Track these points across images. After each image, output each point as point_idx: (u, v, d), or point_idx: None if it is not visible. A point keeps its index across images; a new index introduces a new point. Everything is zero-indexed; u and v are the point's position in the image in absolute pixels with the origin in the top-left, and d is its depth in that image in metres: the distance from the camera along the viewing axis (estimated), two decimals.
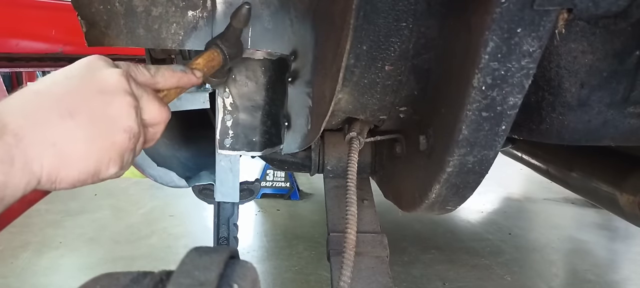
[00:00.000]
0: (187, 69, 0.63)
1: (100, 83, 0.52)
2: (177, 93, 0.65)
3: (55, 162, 0.49)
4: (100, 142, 0.52)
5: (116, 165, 0.54)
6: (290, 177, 3.60)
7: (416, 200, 0.82)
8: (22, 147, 0.46)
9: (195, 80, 0.65)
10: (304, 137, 0.83)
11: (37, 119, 0.48)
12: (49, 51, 2.03)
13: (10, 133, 0.45)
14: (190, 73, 0.64)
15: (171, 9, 0.70)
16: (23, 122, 0.47)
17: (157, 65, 0.61)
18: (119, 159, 0.54)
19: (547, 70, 0.66)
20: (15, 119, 0.46)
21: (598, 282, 2.47)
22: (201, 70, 0.66)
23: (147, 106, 0.57)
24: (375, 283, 0.83)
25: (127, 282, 0.41)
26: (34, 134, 0.47)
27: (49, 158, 0.48)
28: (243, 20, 0.67)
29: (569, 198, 3.80)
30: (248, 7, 0.65)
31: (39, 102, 0.49)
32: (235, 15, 0.66)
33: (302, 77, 0.80)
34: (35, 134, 0.47)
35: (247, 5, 0.65)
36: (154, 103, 0.58)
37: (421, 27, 0.70)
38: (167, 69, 0.61)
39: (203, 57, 0.68)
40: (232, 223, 0.98)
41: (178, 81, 0.63)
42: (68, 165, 0.50)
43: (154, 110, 0.58)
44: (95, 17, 0.68)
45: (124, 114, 0.53)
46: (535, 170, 1.77)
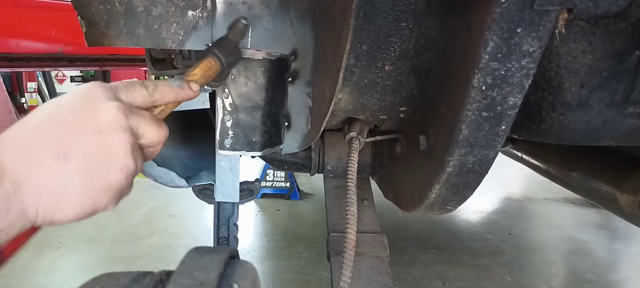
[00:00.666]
0: (184, 83, 0.64)
1: (97, 121, 0.51)
2: (174, 106, 0.65)
3: (51, 205, 0.49)
4: (96, 183, 0.52)
5: (112, 203, 0.55)
6: (290, 177, 3.60)
7: (416, 200, 0.82)
8: (20, 194, 0.47)
9: (192, 94, 0.65)
10: (304, 137, 0.83)
11: (34, 163, 0.48)
12: (49, 51, 2.03)
13: (9, 179, 0.46)
14: (187, 87, 0.64)
15: (171, 9, 0.70)
16: (20, 166, 0.47)
17: (155, 82, 0.61)
18: (115, 197, 0.55)
19: (547, 70, 0.66)
20: (13, 163, 0.47)
21: (598, 282, 2.47)
22: (198, 81, 0.66)
23: (145, 131, 0.57)
24: (375, 283, 0.83)
25: (127, 282, 0.41)
26: (31, 179, 0.48)
27: (45, 202, 0.49)
28: (239, 34, 0.67)
29: (569, 198, 3.80)
30: (245, 23, 0.67)
31: (36, 142, 0.49)
32: (232, 28, 0.67)
33: (302, 77, 0.80)
34: (32, 180, 0.48)
35: (243, 21, 0.67)
36: (152, 127, 0.58)
37: (421, 27, 0.70)
38: (165, 86, 0.61)
39: (200, 67, 0.68)
40: (232, 223, 0.98)
41: (175, 97, 0.63)
42: (63, 208, 0.50)
43: (153, 134, 0.58)
44: (95, 17, 0.68)
45: (120, 153, 0.53)
46: (535, 170, 1.77)
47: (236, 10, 0.74)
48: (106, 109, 0.52)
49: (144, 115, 0.57)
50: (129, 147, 0.53)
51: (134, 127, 0.55)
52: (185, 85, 0.64)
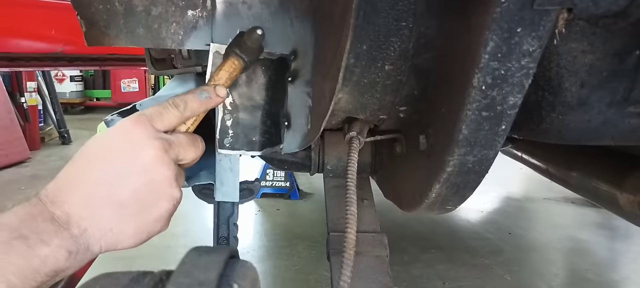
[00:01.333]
0: (211, 91, 0.68)
1: (142, 164, 0.58)
2: (204, 114, 0.69)
3: (112, 241, 0.57)
4: (149, 217, 0.59)
5: (165, 226, 0.63)
6: (290, 177, 3.60)
7: (416, 199, 0.82)
8: (86, 237, 0.54)
9: (221, 100, 0.70)
10: (304, 136, 0.83)
11: (95, 210, 0.55)
12: (49, 51, 2.02)
13: (75, 225, 0.54)
14: (215, 95, 0.68)
15: (171, 9, 0.70)
16: (83, 213, 0.54)
17: (185, 97, 0.65)
18: (166, 222, 0.63)
19: (547, 70, 0.66)
20: (76, 210, 0.54)
21: (598, 281, 2.47)
22: (224, 85, 0.69)
23: (185, 156, 0.64)
24: (375, 282, 0.83)
25: (127, 282, 0.41)
26: (94, 224, 0.55)
27: (107, 241, 0.56)
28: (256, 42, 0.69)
29: (569, 198, 3.80)
30: (261, 33, 0.68)
31: (91, 191, 0.56)
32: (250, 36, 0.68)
33: (302, 76, 0.80)
34: (95, 224, 0.55)
35: (259, 31, 0.68)
36: (190, 149, 0.64)
37: (421, 27, 0.70)
38: (194, 100, 0.66)
39: (224, 69, 0.70)
40: (232, 223, 0.98)
41: (206, 108, 0.68)
42: (123, 241, 0.58)
43: (191, 156, 0.65)
44: (95, 16, 0.68)
45: (166, 187, 0.59)
46: (535, 170, 1.76)
47: (236, 10, 0.74)
48: (148, 149, 0.58)
49: (181, 142, 0.63)
50: (172, 180, 0.60)
51: (175, 157, 0.62)
52: (212, 94, 0.68)
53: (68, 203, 0.54)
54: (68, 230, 0.53)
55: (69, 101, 8.12)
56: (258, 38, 0.68)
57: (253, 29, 0.68)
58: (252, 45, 0.69)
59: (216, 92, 0.68)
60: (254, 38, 0.68)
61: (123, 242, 0.58)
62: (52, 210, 0.53)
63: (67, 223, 0.53)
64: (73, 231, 0.53)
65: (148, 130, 0.59)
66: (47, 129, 5.78)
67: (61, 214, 0.53)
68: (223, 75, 0.69)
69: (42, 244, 0.50)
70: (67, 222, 0.53)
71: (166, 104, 0.63)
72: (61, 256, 0.51)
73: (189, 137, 0.65)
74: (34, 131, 5.22)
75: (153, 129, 0.60)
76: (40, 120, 5.60)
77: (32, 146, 5.00)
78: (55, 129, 5.76)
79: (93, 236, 0.55)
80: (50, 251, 0.50)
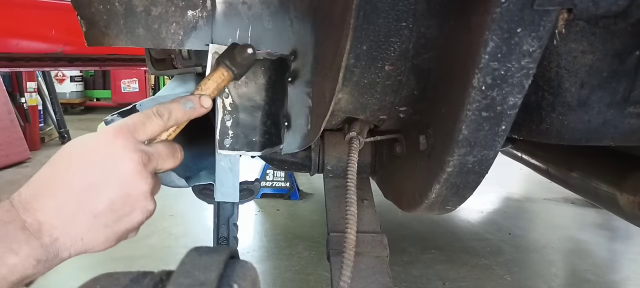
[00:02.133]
0: (196, 102, 0.68)
1: (119, 176, 0.57)
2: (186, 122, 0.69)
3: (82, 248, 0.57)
4: (121, 227, 0.59)
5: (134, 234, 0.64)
6: (290, 177, 3.60)
7: (416, 200, 0.82)
8: (56, 245, 0.54)
9: (205, 110, 0.69)
10: (304, 137, 0.83)
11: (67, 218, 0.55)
12: (49, 51, 2.02)
13: (46, 234, 0.53)
14: (199, 106, 0.68)
15: (171, 9, 0.70)
16: (55, 221, 0.54)
17: (169, 107, 0.66)
18: (136, 230, 0.63)
19: (547, 70, 0.66)
20: (48, 219, 0.53)
21: (598, 282, 2.47)
22: (210, 96, 0.69)
23: (163, 165, 0.64)
24: (375, 283, 0.83)
25: (127, 282, 0.41)
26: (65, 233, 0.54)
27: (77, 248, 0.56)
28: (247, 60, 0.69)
29: (569, 198, 3.80)
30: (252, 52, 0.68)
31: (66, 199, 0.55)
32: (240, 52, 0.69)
33: (302, 77, 0.80)
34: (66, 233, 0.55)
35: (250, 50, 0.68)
36: (168, 160, 0.65)
37: (421, 27, 0.70)
38: (178, 110, 0.66)
39: (213, 79, 0.70)
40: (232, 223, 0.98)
41: (189, 117, 0.68)
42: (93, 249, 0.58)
43: (169, 165, 0.65)
44: (95, 17, 0.68)
45: (141, 200, 0.60)
46: (535, 170, 1.76)
47: (236, 10, 0.74)
48: (127, 162, 0.58)
49: (160, 154, 0.63)
50: (148, 193, 0.61)
51: (152, 170, 0.62)
52: (197, 105, 0.68)
53: (41, 211, 0.53)
54: (39, 239, 0.52)
55: (69, 101, 8.12)
56: (249, 57, 0.69)
57: (245, 46, 0.69)
58: (243, 62, 0.70)
59: (201, 103, 0.68)
60: (244, 56, 0.69)
61: (92, 249, 0.58)
62: (24, 217, 0.52)
63: (38, 231, 0.52)
64: (44, 240, 0.53)
65: (128, 142, 0.59)
66: (47, 129, 5.78)
67: (33, 222, 0.52)
68: (211, 86, 0.70)
69: (11, 253, 0.50)
70: (38, 230, 0.52)
71: (150, 113, 0.63)
72: (29, 265, 0.51)
73: (168, 147, 0.65)
74: (34, 131, 5.22)
75: (134, 140, 0.60)
76: (41, 120, 5.60)
77: (32, 146, 5.00)
78: (56, 129, 5.75)
79: (64, 244, 0.55)
80: (18, 260, 0.50)
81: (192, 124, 0.75)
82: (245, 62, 0.70)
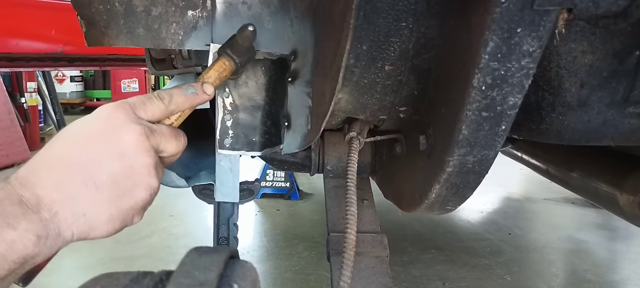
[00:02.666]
0: (198, 88, 0.66)
1: (121, 147, 0.55)
2: (190, 111, 0.67)
3: (85, 227, 0.54)
4: (124, 204, 0.56)
5: (139, 216, 0.60)
6: (290, 177, 3.60)
7: (416, 200, 0.82)
8: (56, 221, 0.51)
9: (207, 97, 0.68)
10: (304, 137, 0.83)
11: (67, 192, 0.52)
12: (48, 51, 2.02)
13: (45, 208, 0.50)
14: (202, 92, 0.67)
15: (171, 9, 0.70)
16: (55, 196, 0.51)
17: (170, 91, 0.64)
18: (141, 211, 0.60)
19: (547, 70, 0.66)
20: (48, 193, 0.51)
21: (598, 282, 2.47)
22: (213, 84, 0.68)
23: (166, 147, 0.61)
24: (375, 283, 0.83)
25: (127, 282, 0.41)
26: (66, 207, 0.52)
27: (80, 226, 0.53)
28: (247, 39, 0.67)
29: (569, 198, 3.80)
30: (252, 29, 0.66)
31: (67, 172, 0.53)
32: (241, 33, 0.67)
33: (302, 77, 0.80)
34: (67, 207, 0.52)
35: (250, 27, 0.66)
36: (171, 142, 0.62)
37: (421, 27, 0.70)
38: (180, 95, 0.64)
39: (214, 69, 0.69)
40: (232, 223, 0.98)
41: (191, 104, 0.66)
42: (96, 228, 0.55)
43: (172, 148, 0.62)
44: (95, 17, 0.68)
45: (144, 174, 0.57)
46: (535, 170, 1.77)
47: (236, 10, 0.74)
48: (128, 133, 0.56)
49: (163, 132, 0.61)
50: (152, 168, 0.58)
51: (155, 146, 0.59)
52: (199, 91, 0.66)
53: (39, 185, 0.50)
54: (37, 213, 0.49)
55: (69, 101, 8.13)
56: (249, 34, 0.67)
57: (244, 25, 0.67)
58: (244, 43, 0.68)
59: (203, 89, 0.66)
60: (245, 35, 0.67)
61: (96, 230, 0.55)
62: (20, 192, 0.49)
63: (36, 205, 0.49)
64: (43, 214, 0.50)
65: (129, 116, 0.57)
66: (47, 129, 5.79)
67: (30, 196, 0.50)
68: (212, 74, 0.68)
69: (8, 228, 0.47)
70: (36, 204, 0.49)
71: (151, 95, 0.62)
72: (29, 241, 0.48)
73: (171, 129, 0.63)
74: (34, 131, 5.23)
75: (135, 115, 0.58)
76: (41, 120, 5.61)
77: (33, 146, 4.99)
78: (56, 129, 5.75)
79: (65, 220, 0.52)
80: (17, 235, 0.47)
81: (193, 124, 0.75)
82: (246, 42, 0.68)
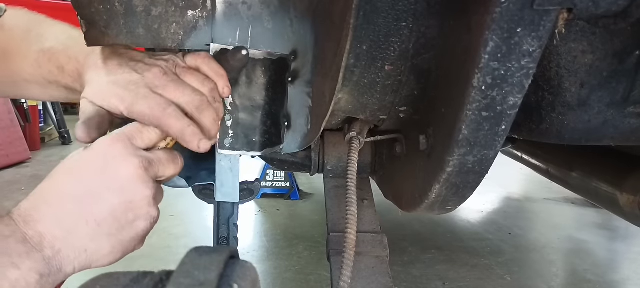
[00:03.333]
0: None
1: (120, 182, 0.56)
2: None
3: (86, 261, 0.55)
4: (125, 236, 0.58)
5: (140, 245, 0.62)
6: (290, 177, 3.60)
7: (416, 200, 0.82)
8: (59, 258, 0.52)
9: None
10: (304, 137, 0.83)
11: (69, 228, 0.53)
12: None
13: (48, 246, 0.52)
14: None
15: (171, 9, 0.70)
16: (57, 233, 0.52)
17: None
18: (142, 241, 0.62)
19: (547, 70, 0.66)
20: (50, 230, 0.52)
21: (598, 282, 2.47)
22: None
23: (164, 172, 0.63)
24: (375, 283, 0.83)
25: (127, 282, 0.41)
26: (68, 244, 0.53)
27: (81, 261, 0.55)
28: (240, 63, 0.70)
29: (569, 198, 3.80)
30: (246, 53, 0.68)
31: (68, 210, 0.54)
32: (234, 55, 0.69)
33: (302, 77, 0.80)
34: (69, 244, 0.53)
35: (244, 52, 0.68)
36: (169, 166, 0.63)
37: (421, 27, 0.70)
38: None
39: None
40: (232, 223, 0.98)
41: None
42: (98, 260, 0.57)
43: (171, 172, 0.64)
44: (95, 17, 0.68)
45: (144, 206, 0.58)
46: (535, 170, 1.77)
47: (236, 10, 0.74)
48: (127, 167, 0.57)
49: (161, 160, 0.62)
50: (151, 199, 0.59)
51: (154, 175, 0.60)
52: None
53: (41, 222, 0.52)
54: (41, 251, 0.51)
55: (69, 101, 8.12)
56: (243, 58, 0.68)
57: (238, 49, 0.68)
58: (236, 65, 0.70)
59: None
60: (238, 58, 0.68)
61: (97, 262, 0.56)
62: (24, 230, 0.51)
63: (39, 244, 0.51)
64: (46, 252, 0.51)
65: (127, 148, 0.57)
66: (47, 129, 5.78)
67: (34, 234, 0.51)
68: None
69: (12, 267, 0.48)
70: (39, 243, 0.51)
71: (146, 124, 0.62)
72: (32, 279, 0.49)
73: (168, 154, 0.64)
74: (34, 131, 5.22)
75: (133, 146, 0.58)
76: (41, 120, 5.60)
77: (33, 146, 5.01)
78: (56, 129, 5.76)
79: (67, 257, 0.53)
80: (21, 274, 0.48)
81: None
82: (239, 64, 0.70)
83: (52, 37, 0.74)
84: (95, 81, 0.65)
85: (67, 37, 0.73)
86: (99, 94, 0.64)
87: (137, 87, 0.63)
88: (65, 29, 0.75)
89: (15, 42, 0.74)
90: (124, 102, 0.62)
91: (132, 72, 0.64)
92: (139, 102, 0.61)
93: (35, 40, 0.74)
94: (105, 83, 0.64)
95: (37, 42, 0.73)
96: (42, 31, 0.75)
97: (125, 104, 0.62)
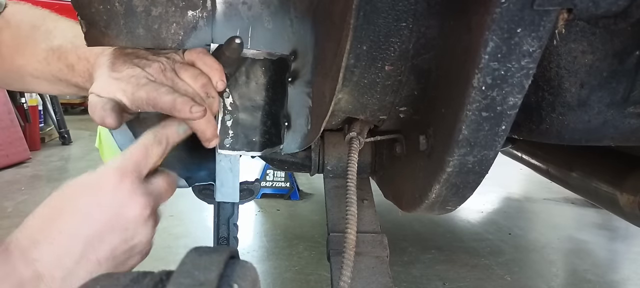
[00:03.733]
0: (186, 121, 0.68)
1: (124, 222, 0.56)
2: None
3: None
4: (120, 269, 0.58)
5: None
6: (290, 177, 3.60)
7: (416, 200, 0.82)
8: None
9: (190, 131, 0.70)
10: (304, 137, 0.83)
11: (68, 268, 0.52)
12: None
13: (46, 286, 0.50)
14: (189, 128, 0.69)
15: (171, 9, 0.70)
16: (56, 273, 0.51)
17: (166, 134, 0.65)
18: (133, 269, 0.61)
19: (547, 70, 0.66)
20: (49, 270, 0.51)
21: (598, 282, 2.47)
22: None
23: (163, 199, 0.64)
24: (375, 283, 0.83)
25: (127, 282, 0.41)
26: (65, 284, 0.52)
27: None
28: (235, 52, 0.68)
29: (569, 198, 3.80)
30: (239, 42, 0.67)
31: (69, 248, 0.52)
32: (228, 46, 0.68)
33: (302, 77, 0.80)
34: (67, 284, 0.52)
35: (237, 40, 0.66)
36: (168, 193, 0.65)
37: (421, 27, 0.70)
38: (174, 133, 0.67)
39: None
40: (232, 224, 0.98)
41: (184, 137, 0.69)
42: None
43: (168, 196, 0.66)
44: (95, 17, 0.68)
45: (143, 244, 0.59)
46: (535, 170, 1.77)
47: (236, 10, 0.74)
48: (133, 208, 0.57)
49: (161, 192, 0.64)
50: (150, 237, 0.60)
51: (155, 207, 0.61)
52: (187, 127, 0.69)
53: (41, 262, 0.50)
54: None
55: (69, 102, 8.11)
56: (236, 47, 0.67)
57: (231, 38, 0.67)
58: (231, 55, 0.69)
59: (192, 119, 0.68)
60: (232, 48, 0.67)
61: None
62: (21, 270, 0.50)
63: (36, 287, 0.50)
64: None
65: (135, 186, 0.57)
66: (47, 129, 5.78)
67: (32, 276, 0.50)
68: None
69: None
70: (37, 286, 0.50)
71: (149, 144, 0.62)
72: None
73: (167, 180, 0.65)
74: (34, 131, 5.22)
75: (140, 183, 0.58)
76: (41, 120, 5.60)
77: (33, 146, 5.00)
78: (56, 130, 5.75)
79: None
80: None
81: None
82: (234, 55, 0.69)
83: (60, 35, 0.75)
84: (101, 78, 0.68)
85: (74, 35, 0.74)
86: (105, 88, 0.66)
87: (137, 79, 0.66)
88: (71, 26, 0.77)
89: (21, 39, 0.76)
90: (126, 93, 0.65)
91: (134, 67, 0.67)
92: (139, 90, 0.64)
93: (42, 37, 0.75)
94: (111, 79, 0.67)
95: (45, 39, 0.75)
96: (50, 27, 0.77)
97: (127, 94, 0.65)
